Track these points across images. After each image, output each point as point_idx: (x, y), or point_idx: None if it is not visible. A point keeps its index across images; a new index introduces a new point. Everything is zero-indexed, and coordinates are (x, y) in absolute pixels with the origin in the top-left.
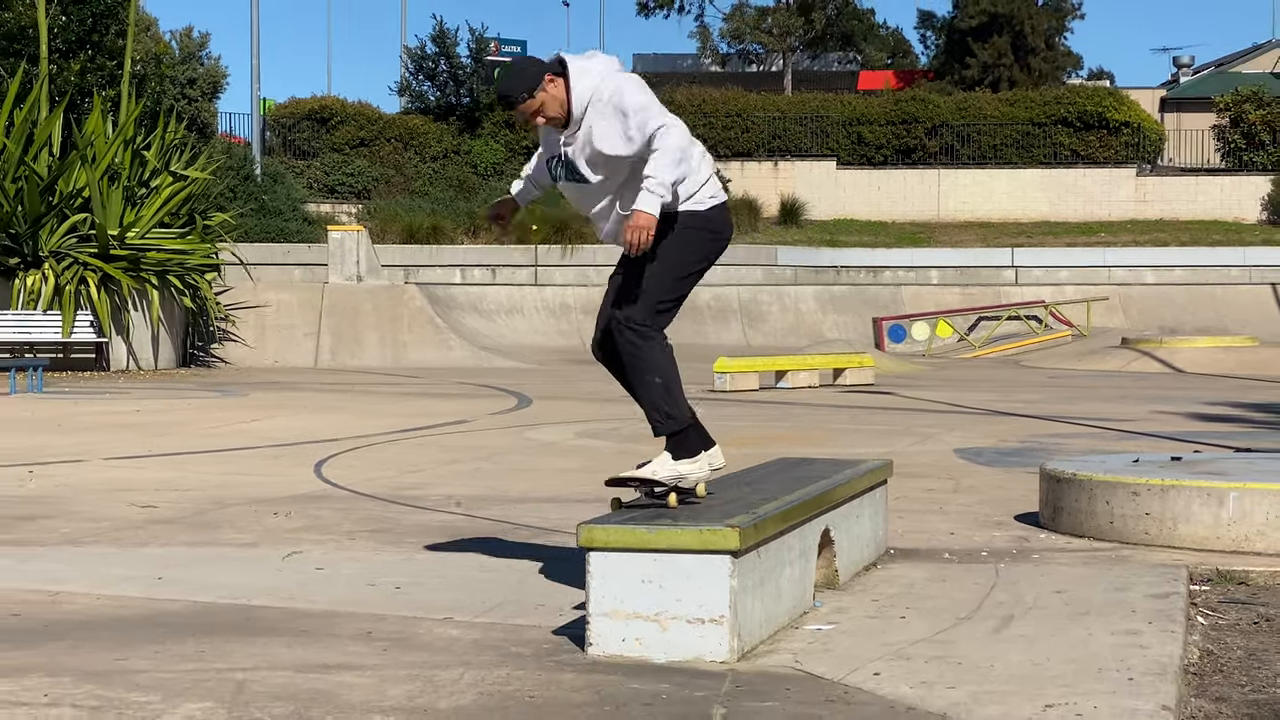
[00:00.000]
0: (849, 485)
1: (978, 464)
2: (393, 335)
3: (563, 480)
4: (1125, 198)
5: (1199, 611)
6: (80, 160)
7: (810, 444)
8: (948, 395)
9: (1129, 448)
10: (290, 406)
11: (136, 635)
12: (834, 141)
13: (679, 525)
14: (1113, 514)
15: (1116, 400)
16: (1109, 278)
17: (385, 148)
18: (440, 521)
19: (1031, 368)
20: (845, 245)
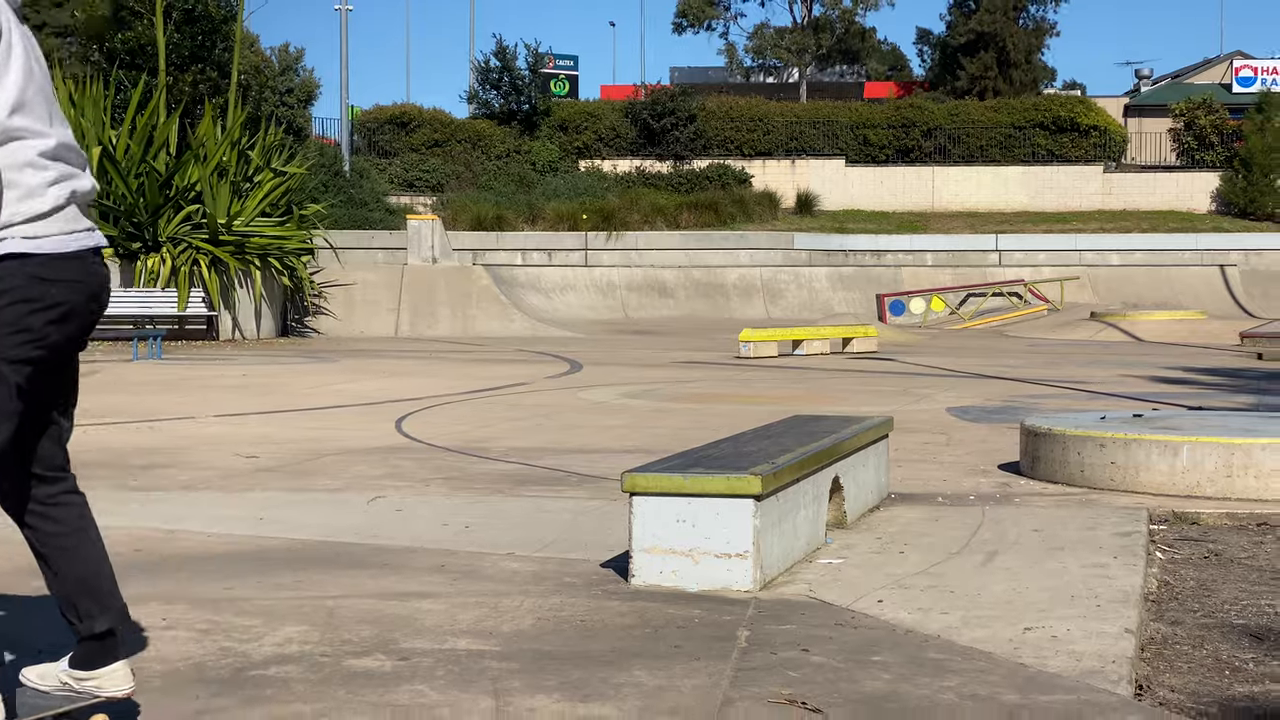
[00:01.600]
0: (855, 439)
1: (967, 420)
2: (462, 309)
3: (610, 434)
4: (1094, 191)
5: (1157, 548)
6: (193, 159)
7: (822, 403)
8: (941, 361)
9: (1097, 406)
10: (374, 371)
11: (242, 568)
12: (843, 142)
13: (710, 473)
14: (1083, 463)
15: (1087, 365)
16: (1080, 260)
17: (456, 148)
18: (504, 470)
19: (1013, 337)
20: (853, 232)
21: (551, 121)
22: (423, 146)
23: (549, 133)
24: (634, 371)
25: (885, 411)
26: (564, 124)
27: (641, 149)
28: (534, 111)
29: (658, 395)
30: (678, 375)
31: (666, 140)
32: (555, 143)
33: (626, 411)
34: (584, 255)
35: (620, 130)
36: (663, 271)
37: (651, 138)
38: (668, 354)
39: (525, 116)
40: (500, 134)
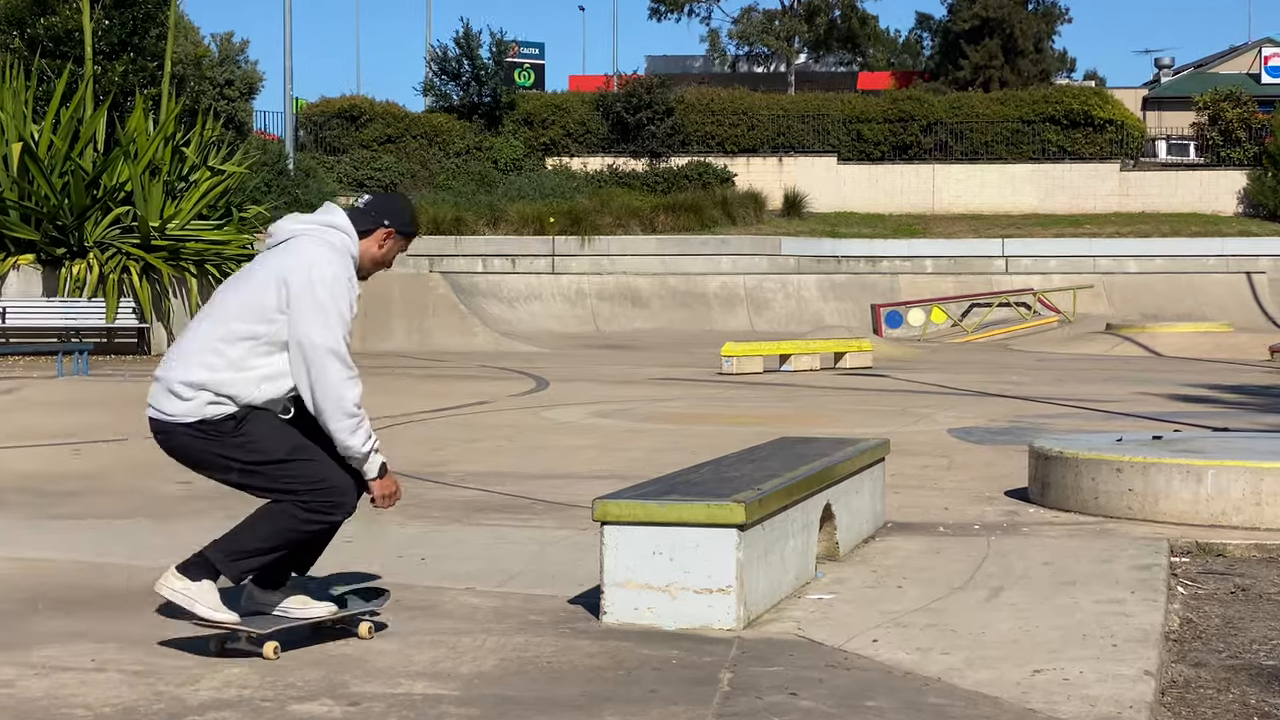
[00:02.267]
0: (849, 462)
1: (970, 442)
2: (419, 321)
3: (579, 458)
4: (1109, 191)
5: (1179, 582)
6: (123, 156)
7: (812, 423)
8: (942, 377)
9: (1112, 427)
10: None
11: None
12: (834, 138)
13: (688, 500)
14: (1098, 490)
15: (1101, 382)
16: (1094, 267)
17: (411, 144)
18: (464, 496)
19: (1021, 351)
20: (845, 236)
21: (515, 115)
22: (374, 143)
23: (513, 127)
24: (605, 389)
25: (881, 433)
26: (529, 118)
27: (614, 145)
28: (496, 104)
29: (631, 415)
30: (653, 393)
31: (642, 136)
32: (519, 138)
33: (597, 433)
34: (551, 262)
35: (591, 125)
36: (637, 279)
37: (625, 133)
38: (642, 370)
39: (487, 110)
40: (459, 129)
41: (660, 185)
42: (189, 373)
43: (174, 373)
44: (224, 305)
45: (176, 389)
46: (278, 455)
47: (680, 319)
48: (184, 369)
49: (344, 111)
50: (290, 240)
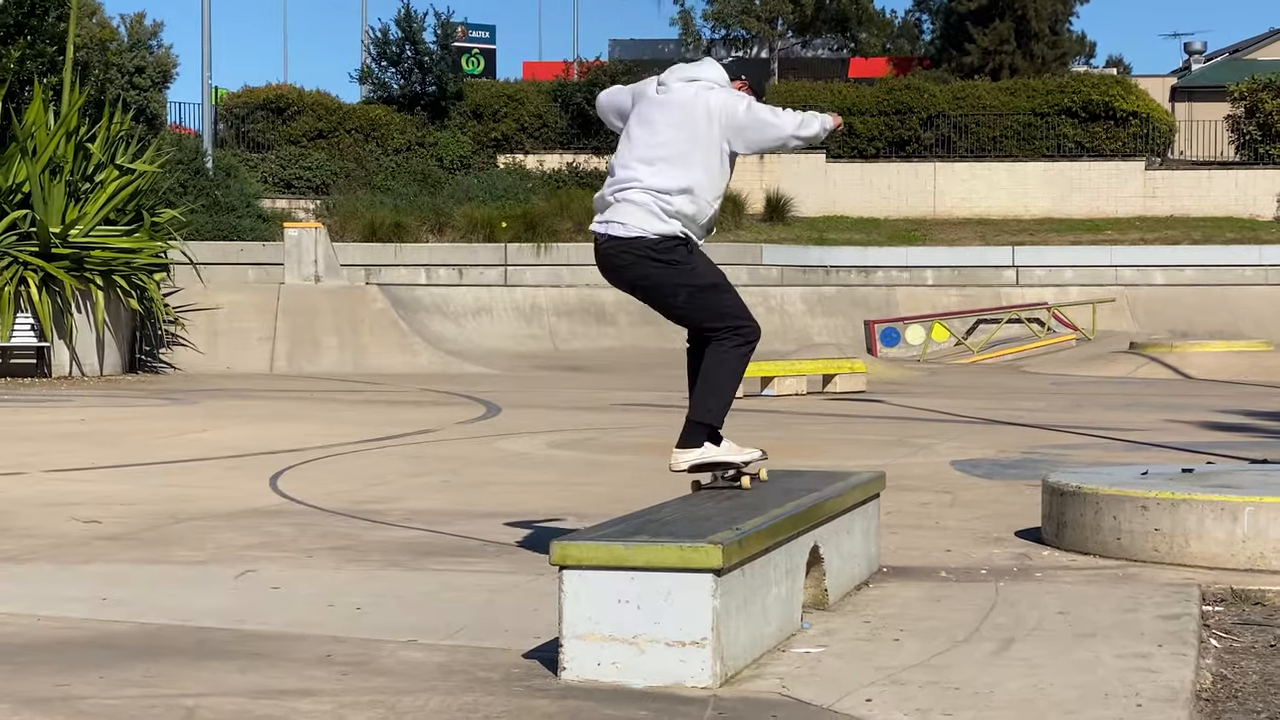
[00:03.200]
0: (839, 499)
1: (976, 476)
2: (353, 339)
3: (534, 493)
4: (1133, 193)
5: (1212, 634)
6: (20, 153)
7: (797, 455)
8: (944, 403)
9: (1137, 459)
10: (244, 415)
11: (80, 659)
12: None
13: (658, 541)
14: (1120, 530)
15: (1123, 408)
16: (1116, 278)
17: (345, 139)
18: (404, 538)
19: (1033, 373)
20: (835, 243)
21: (463, 107)
22: (304, 138)
23: (460, 121)
24: (564, 416)
25: (875, 465)
26: (478, 110)
27: (574, 141)
28: (442, 95)
29: (594, 445)
30: (618, 421)
31: (605, 130)
32: (468, 133)
33: (555, 465)
34: (503, 272)
35: (548, 118)
36: (601, 293)
37: (587, 127)
38: (606, 394)
39: (431, 101)
40: (400, 122)
41: None
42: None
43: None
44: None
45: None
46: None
47: (649, 337)
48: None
49: (269, 103)
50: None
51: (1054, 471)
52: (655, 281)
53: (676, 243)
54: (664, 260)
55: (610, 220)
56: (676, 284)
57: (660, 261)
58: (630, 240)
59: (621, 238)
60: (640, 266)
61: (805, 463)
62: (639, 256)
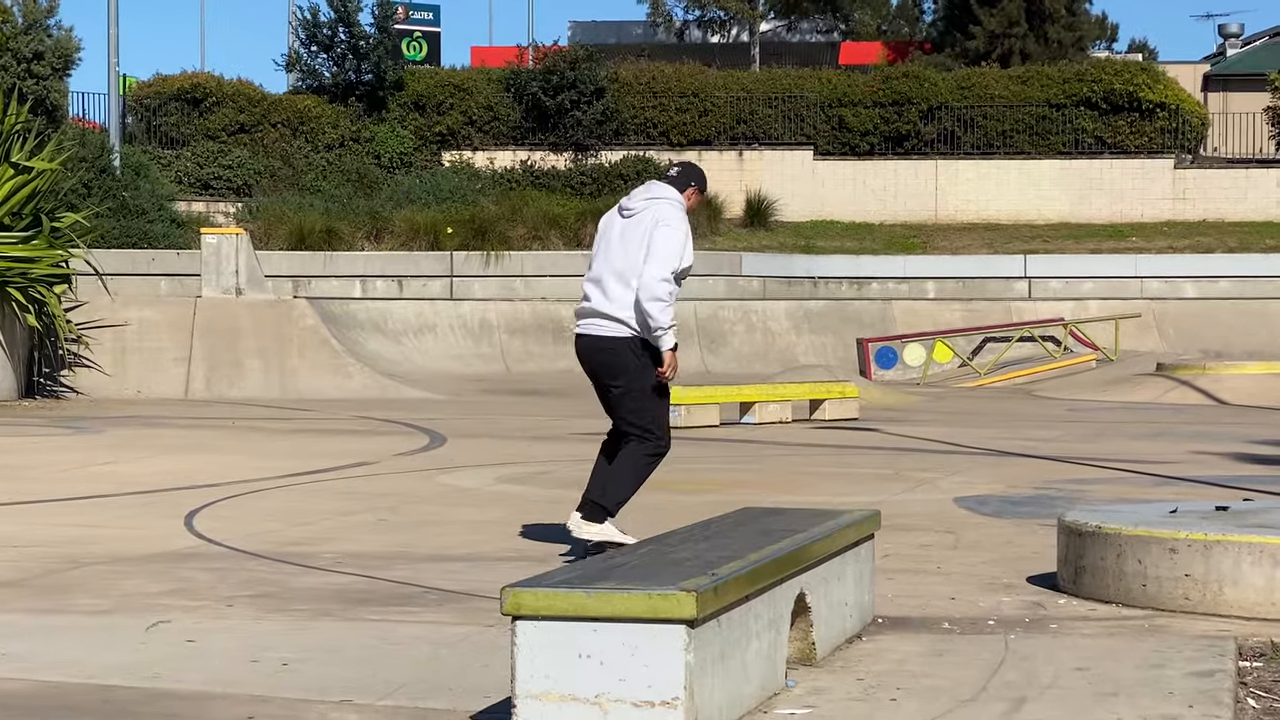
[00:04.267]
0: (828, 541)
1: (983, 514)
2: (279, 360)
3: (482, 535)
4: (1161, 194)
5: (1249, 692)
6: None
7: (781, 491)
8: (947, 431)
9: (1165, 495)
10: (155, 446)
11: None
12: (810, 126)
13: (624, 588)
14: (1145, 575)
15: (1149, 438)
16: (1141, 291)
17: (270, 134)
18: (336, 584)
19: (1048, 398)
20: (823, 251)
21: (404, 98)
22: (223, 132)
23: (400, 113)
24: (518, 447)
25: (870, 503)
26: (421, 101)
27: (529, 136)
28: (380, 84)
29: (551, 480)
30: (579, 452)
31: (564, 124)
32: (409, 127)
33: (507, 502)
34: (448, 284)
35: (499, 110)
36: (559, 307)
37: (543, 120)
38: (565, 422)
39: (368, 91)
40: (332, 115)
41: (588, 187)
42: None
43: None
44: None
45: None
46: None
47: None
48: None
49: (185, 92)
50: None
51: (1071, 509)
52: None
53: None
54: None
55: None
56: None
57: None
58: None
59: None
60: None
61: (790, 500)
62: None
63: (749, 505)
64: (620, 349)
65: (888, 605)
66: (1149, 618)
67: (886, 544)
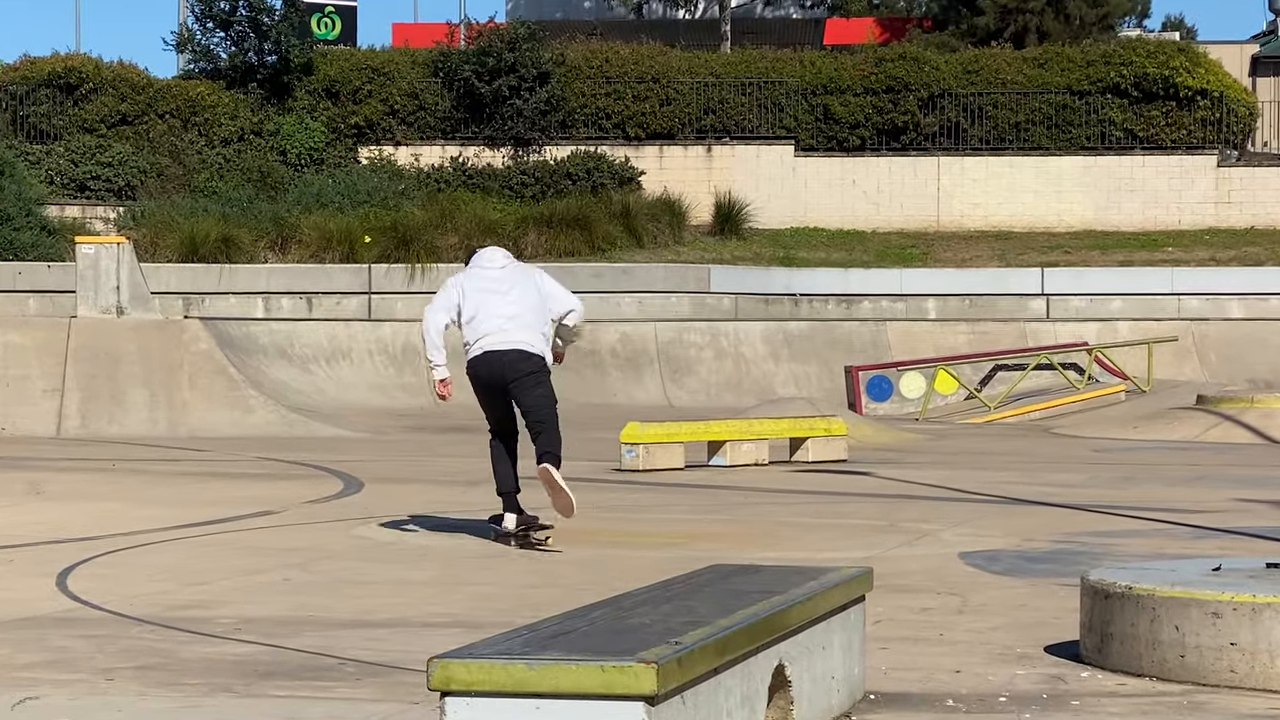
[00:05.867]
0: (811, 603)
1: (993, 573)
2: (168, 391)
3: (408, 595)
4: (1201, 196)
5: None
6: None
7: (757, 545)
8: (951, 475)
9: (1206, 550)
10: (22, 491)
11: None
12: (791, 117)
13: (573, 659)
14: (1184, 644)
15: (1189, 483)
16: (1178, 310)
17: (157, 126)
18: (235, 654)
19: (1069, 436)
20: (806, 264)
21: (314, 83)
22: (102, 124)
23: (310, 101)
24: (449, 493)
25: (860, 559)
26: (333, 87)
27: (461, 128)
28: (286, 67)
29: (488, 532)
30: (522, 498)
31: (502, 114)
32: (320, 118)
33: (435, 559)
34: (366, 302)
35: (426, 98)
36: None
37: (478, 110)
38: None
39: (272, 75)
40: (230, 103)
41: (530, 188)
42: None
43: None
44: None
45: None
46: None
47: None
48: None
49: (57, 78)
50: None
51: (1097, 567)
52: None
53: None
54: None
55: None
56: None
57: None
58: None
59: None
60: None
61: (767, 556)
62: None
63: (719, 562)
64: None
65: (881, 679)
66: (1188, 694)
67: (880, 607)
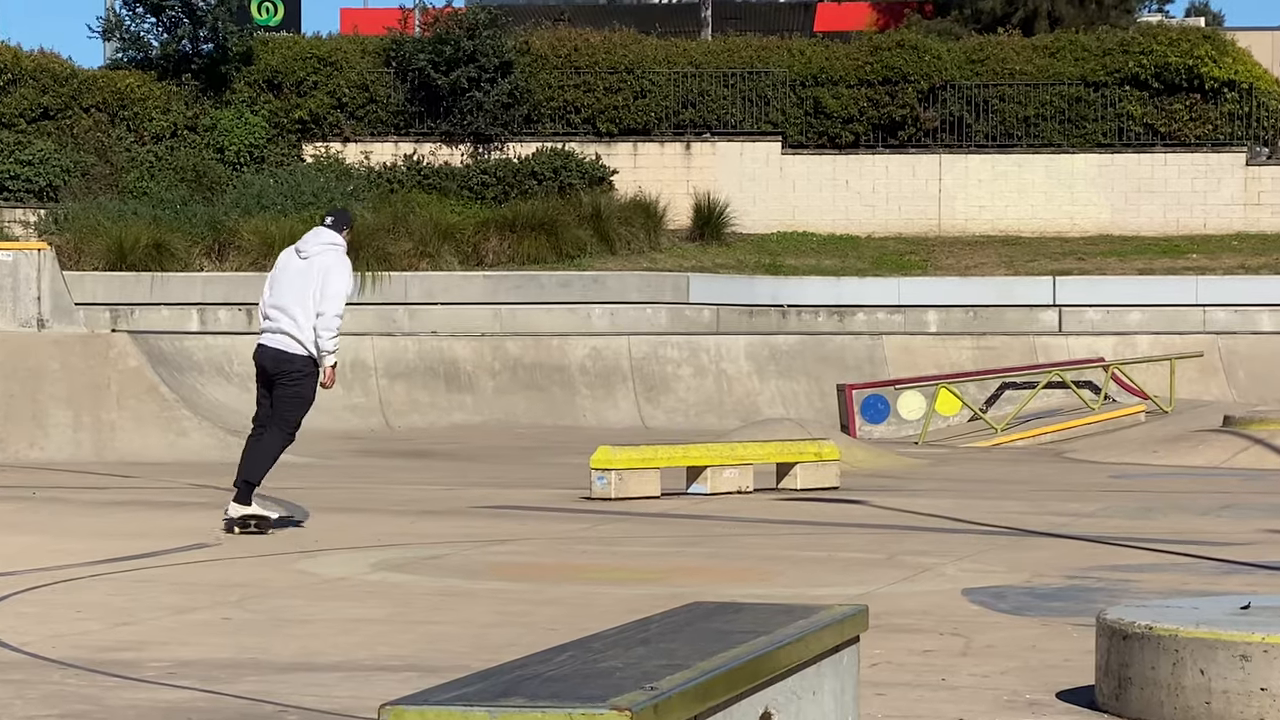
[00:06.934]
0: (801, 645)
1: (1000, 611)
2: (94, 412)
3: (356, 636)
4: (1229, 198)
5: None
6: None
7: (740, 580)
8: (953, 504)
9: (1234, 587)
10: None
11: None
12: (778, 111)
13: (538, 706)
14: (1210, 689)
15: (1215, 512)
16: (1204, 323)
17: (82, 121)
18: (168, 701)
19: (1084, 461)
20: (795, 272)
21: (254, 74)
22: (21, 119)
23: (250, 94)
24: (401, 524)
25: (854, 596)
26: (275, 78)
27: (416, 123)
28: (223, 56)
29: (444, 567)
30: (480, 530)
31: (460, 108)
32: (261, 112)
33: (387, 596)
34: None
35: (377, 90)
36: (454, 343)
37: (434, 103)
38: (462, 492)
39: (208, 65)
40: (162, 96)
41: (491, 189)
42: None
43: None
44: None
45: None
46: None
47: (525, 408)
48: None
49: None
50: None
51: (1114, 605)
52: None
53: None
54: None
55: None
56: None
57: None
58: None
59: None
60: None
61: (752, 592)
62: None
63: (699, 599)
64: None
65: None
66: None
67: (877, 649)
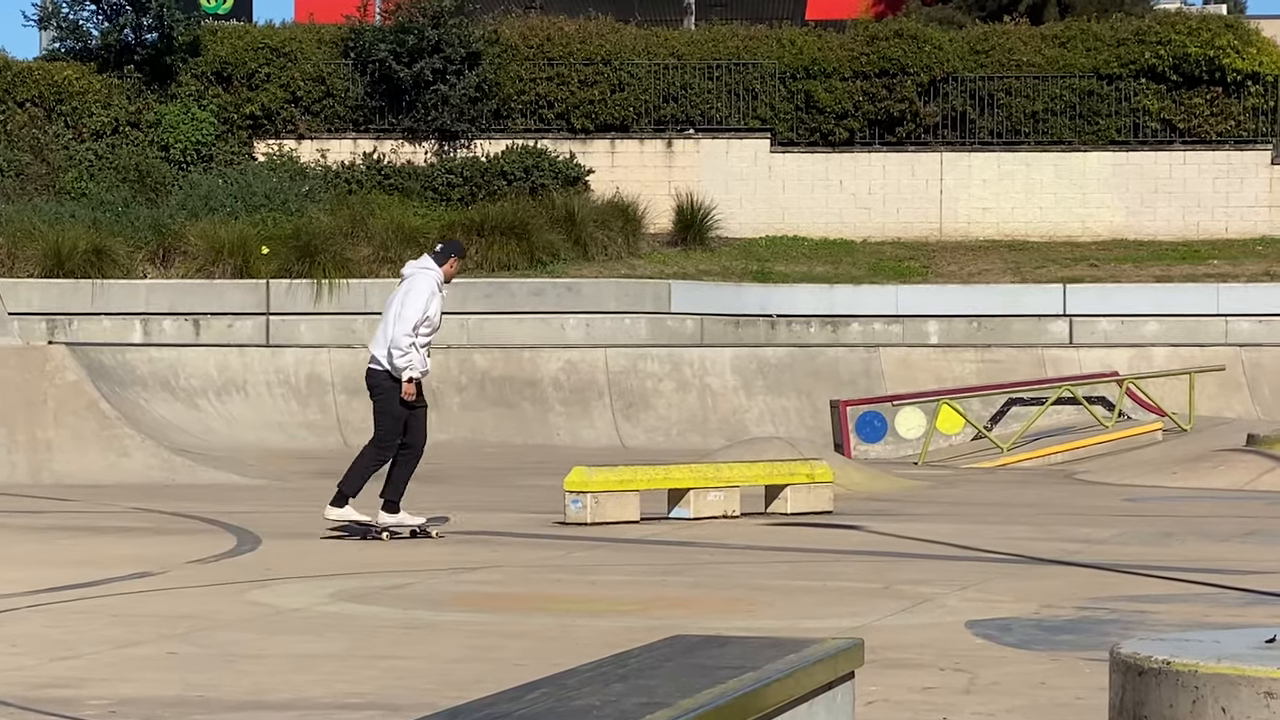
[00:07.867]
0: (790, 681)
1: (1006, 645)
2: (28, 430)
3: (313, 673)
4: (1254, 199)
5: None
6: None
7: (725, 612)
8: (956, 530)
9: (1259, 618)
10: None
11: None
12: (766, 106)
13: None
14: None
15: (1238, 539)
16: (1226, 334)
17: (16, 116)
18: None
19: (1096, 483)
20: (785, 280)
21: (202, 65)
22: None
23: (197, 87)
24: (360, 550)
25: (849, 629)
26: (225, 71)
27: (376, 119)
28: (169, 46)
29: (407, 597)
30: (446, 557)
31: (425, 102)
32: (209, 106)
33: (345, 629)
34: (264, 325)
35: (335, 83)
36: None
37: (396, 97)
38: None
39: (152, 56)
40: (102, 89)
41: (458, 189)
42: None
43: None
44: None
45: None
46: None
47: (494, 425)
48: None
49: None
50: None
51: (1129, 638)
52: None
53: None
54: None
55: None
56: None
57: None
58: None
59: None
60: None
61: (738, 625)
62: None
63: (680, 632)
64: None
65: None
66: None
67: (874, 686)
